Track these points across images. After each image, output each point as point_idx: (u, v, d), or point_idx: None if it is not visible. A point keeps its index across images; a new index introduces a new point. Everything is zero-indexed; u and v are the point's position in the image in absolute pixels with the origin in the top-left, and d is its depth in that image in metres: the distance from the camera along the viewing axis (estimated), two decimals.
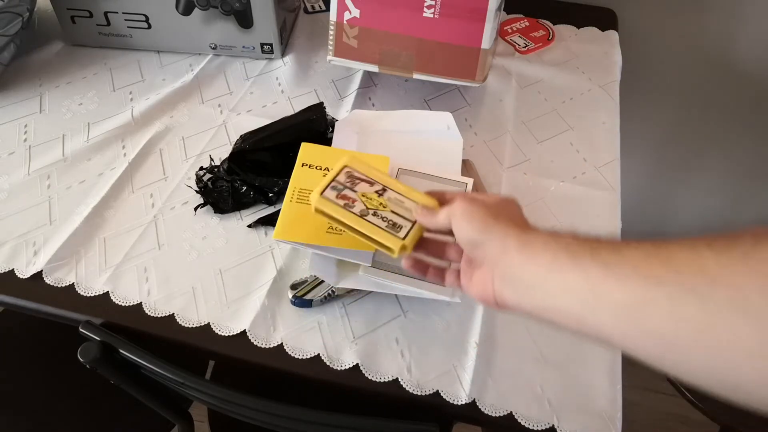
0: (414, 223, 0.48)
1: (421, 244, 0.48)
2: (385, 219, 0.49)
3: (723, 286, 0.28)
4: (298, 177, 0.63)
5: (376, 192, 0.51)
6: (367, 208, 0.50)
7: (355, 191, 0.50)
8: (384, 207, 0.50)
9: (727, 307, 0.27)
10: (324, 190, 0.50)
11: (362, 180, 0.51)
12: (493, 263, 0.40)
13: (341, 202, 0.50)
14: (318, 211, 0.51)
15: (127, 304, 0.60)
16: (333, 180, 0.51)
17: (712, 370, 0.29)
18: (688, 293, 0.29)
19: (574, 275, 0.34)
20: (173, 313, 0.60)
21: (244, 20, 0.83)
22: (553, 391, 0.54)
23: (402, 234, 0.48)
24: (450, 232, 0.44)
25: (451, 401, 0.54)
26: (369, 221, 0.49)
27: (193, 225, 0.67)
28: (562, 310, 0.35)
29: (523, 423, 0.52)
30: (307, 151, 0.65)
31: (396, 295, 0.60)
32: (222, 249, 0.65)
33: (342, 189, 0.51)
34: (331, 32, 0.74)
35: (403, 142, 0.71)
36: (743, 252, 0.28)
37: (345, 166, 0.52)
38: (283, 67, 0.88)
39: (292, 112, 0.78)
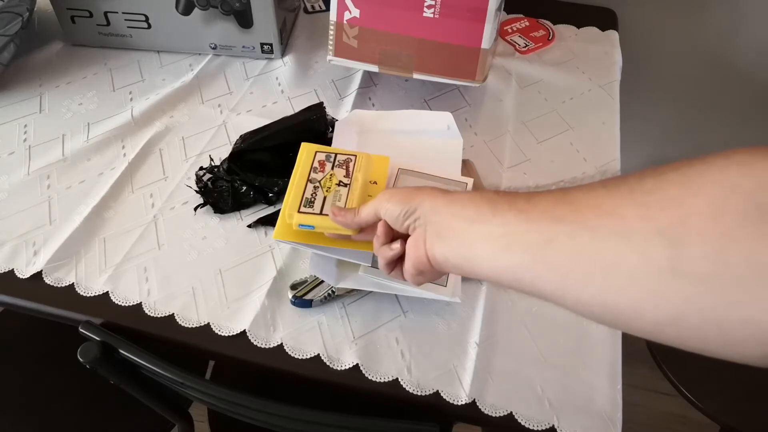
0: (326, 215, 0.52)
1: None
2: (313, 195, 0.54)
3: (610, 216, 0.31)
4: None
5: (341, 182, 0.55)
6: (319, 182, 0.55)
7: (334, 168, 0.56)
8: (328, 191, 0.54)
9: (612, 235, 0.30)
10: (319, 149, 0.58)
11: (351, 167, 0.56)
12: (426, 222, 0.42)
13: (316, 165, 0.57)
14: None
15: (127, 304, 0.60)
16: (341, 152, 0.57)
17: (601, 298, 0.31)
18: (583, 227, 0.32)
19: (494, 222, 0.37)
20: (173, 313, 0.59)
21: (244, 20, 0.83)
22: (553, 391, 0.54)
23: (306, 209, 0.53)
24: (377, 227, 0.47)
25: (451, 401, 0.54)
26: (305, 187, 0.54)
27: (193, 225, 0.67)
28: (483, 257, 0.37)
29: (523, 423, 0.52)
30: (307, 151, 0.65)
31: (396, 295, 0.60)
32: (222, 249, 0.65)
33: (333, 159, 0.57)
34: (331, 32, 0.74)
35: (403, 142, 0.71)
36: (629, 186, 0.31)
37: (359, 155, 0.57)
38: (283, 67, 0.88)
39: (292, 112, 0.78)
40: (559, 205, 0.34)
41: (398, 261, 0.48)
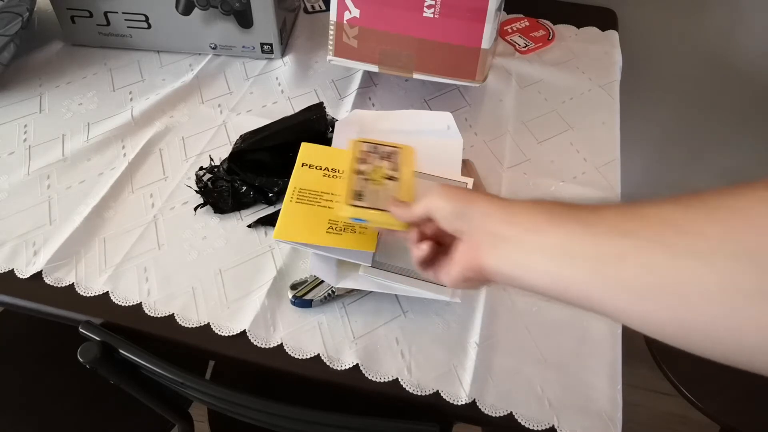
0: (378, 209, 0.51)
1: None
2: (363, 188, 0.54)
3: (685, 233, 0.30)
4: (298, 177, 0.63)
5: (389, 176, 0.55)
6: (367, 174, 0.55)
7: (381, 160, 0.56)
8: (377, 183, 0.54)
9: (689, 253, 0.29)
10: (363, 140, 0.58)
11: (396, 160, 0.57)
12: (477, 228, 0.40)
13: (362, 156, 0.57)
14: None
15: (127, 304, 0.60)
16: (384, 144, 0.58)
17: (675, 316, 0.30)
18: (655, 243, 0.31)
19: (552, 233, 0.35)
20: (173, 313, 0.59)
21: (244, 20, 0.83)
22: (553, 391, 0.54)
23: (358, 202, 0.52)
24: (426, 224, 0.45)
25: (451, 401, 0.54)
26: (355, 180, 0.54)
27: (193, 225, 0.67)
28: (540, 269, 0.36)
29: (523, 423, 0.52)
30: (307, 151, 0.65)
31: (396, 295, 0.60)
32: (222, 249, 0.65)
33: (378, 150, 0.58)
34: (331, 32, 0.74)
35: (403, 142, 0.71)
36: (704, 203, 0.30)
37: (411, 150, 0.58)
38: (283, 67, 0.88)
39: (292, 112, 0.78)
40: (627, 219, 0.33)
41: (433, 261, 0.47)
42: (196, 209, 0.68)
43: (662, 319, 0.30)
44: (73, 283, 0.62)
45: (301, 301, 0.59)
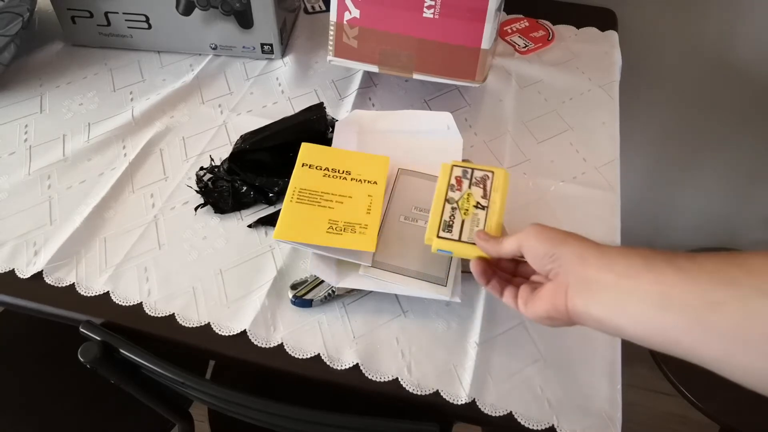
0: (465, 241, 0.52)
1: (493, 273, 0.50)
2: (452, 217, 0.54)
3: None
4: (298, 177, 0.63)
5: (479, 204, 0.55)
6: (457, 202, 0.55)
7: (471, 186, 0.55)
8: (466, 213, 0.54)
9: None
10: (457, 164, 0.57)
11: (488, 186, 0.56)
12: (569, 271, 0.40)
13: (453, 182, 0.56)
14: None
15: (127, 304, 0.60)
16: (478, 168, 0.57)
17: None
18: (761, 294, 0.30)
19: (648, 279, 0.35)
20: (173, 313, 0.60)
21: (244, 20, 0.84)
22: (553, 391, 0.54)
23: (445, 234, 0.53)
24: (515, 260, 0.46)
25: (451, 401, 0.54)
26: (443, 209, 0.54)
27: (194, 225, 0.67)
28: (635, 315, 0.35)
29: (522, 423, 0.52)
30: (307, 151, 0.65)
31: (396, 295, 0.60)
32: (222, 249, 0.65)
33: (470, 175, 0.56)
34: (331, 32, 0.74)
35: (403, 142, 0.71)
36: None
37: (504, 174, 0.57)
38: (283, 67, 0.88)
39: (292, 113, 0.78)
40: (728, 267, 0.32)
41: (512, 286, 0.48)
42: (196, 209, 0.69)
43: (761, 368, 0.30)
44: (73, 283, 0.62)
45: (301, 301, 0.59)
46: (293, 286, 0.60)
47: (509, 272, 0.51)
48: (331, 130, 0.73)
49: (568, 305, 0.40)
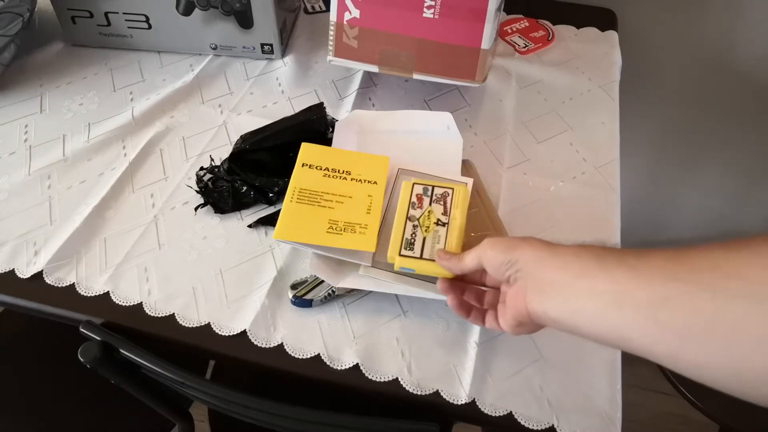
0: (426, 258, 0.53)
1: (462, 289, 0.51)
2: (413, 235, 0.54)
3: (734, 278, 0.30)
4: (298, 177, 0.63)
5: (439, 221, 0.55)
6: (418, 219, 0.55)
7: (432, 204, 0.56)
8: (427, 231, 0.55)
9: (737, 298, 0.29)
10: (417, 181, 0.57)
11: (448, 202, 0.56)
12: (527, 274, 0.41)
13: (414, 200, 0.56)
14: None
15: (127, 304, 0.60)
16: (438, 181, 0.57)
17: (723, 361, 0.30)
18: (702, 288, 0.31)
19: (602, 278, 0.36)
20: (173, 313, 0.60)
21: (245, 20, 0.84)
22: (553, 391, 0.54)
23: (407, 252, 0.53)
24: (479, 275, 0.47)
25: (451, 401, 0.54)
26: (405, 227, 0.55)
27: (194, 225, 0.67)
28: (589, 313, 0.36)
29: (522, 423, 0.52)
30: (307, 151, 0.65)
31: (396, 295, 0.60)
32: (222, 249, 0.65)
33: (430, 192, 0.56)
34: (331, 32, 0.74)
35: (403, 142, 0.71)
36: (754, 250, 0.30)
37: (467, 185, 0.57)
38: (284, 67, 0.88)
39: (292, 113, 0.78)
40: (673, 264, 0.33)
41: (477, 307, 0.49)
42: (196, 209, 0.69)
43: (711, 364, 0.30)
44: (73, 282, 0.62)
45: (301, 301, 0.59)
46: (293, 286, 0.60)
47: (478, 284, 0.51)
48: (331, 130, 0.73)
49: (528, 308, 0.41)
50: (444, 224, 0.55)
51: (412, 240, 0.54)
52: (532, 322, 0.42)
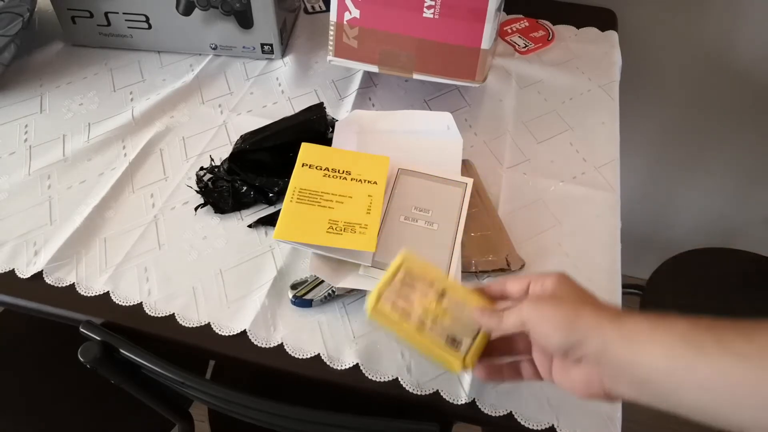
0: (477, 334, 0.47)
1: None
2: (443, 331, 0.47)
3: None
4: (298, 177, 0.63)
5: (435, 298, 0.48)
6: (424, 321, 0.47)
7: (411, 300, 0.48)
8: (443, 316, 0.47)
9: None
10: (379, 300, 0.48)
11: (420, 280, 0.49)
12: (596, 362, 0.37)
13: (397, 314, 0.47)
14: (373, 318, 0.48)
15: (127, 304, 0.60)
16: (390, 283, 0.49)
17: None
18: None
19: (705, 369, 0.32)
20: (173, 313, 0.60)
21: (245, 21, 0.84)
22: (553, 390, 0.54)
23: (463, 350, 0.46)
24: (520, 333, 0.42)
25: (451, 401, 0.54)
26: (427, 336, 0.46)
27: (194, 225, 0.67)
28: (695, 407, 0.33)
29: (522, 423, 0.52)
30: (307, 151, 0.65)
31: None
32: (222, 249, 0.65)
33: (397, 297, 0.48)
34: (331, 32, 0.74)
35: (403, 142, 0.71)
36: None
37: (402, 264, 0.50)
38: (284, 67, 0.88)
39: (292, 113, 0.78)
40: None
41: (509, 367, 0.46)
42: (196, 209, 0.69)
43: None
44: (73, 283, 0.62)
45: (301, 301, 0.59)
46: (293, 286, 0.60)
47: (506, 350, 0.47)
48: (331, 130, 0.73)
49: (612, 393, 0.38)
50: (442, 293, 0.48)
51: (450, 338, 0.46)
52: (611, 399, 0.38)
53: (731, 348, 0.31)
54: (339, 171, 0.64)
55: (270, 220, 0.67)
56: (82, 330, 0.58)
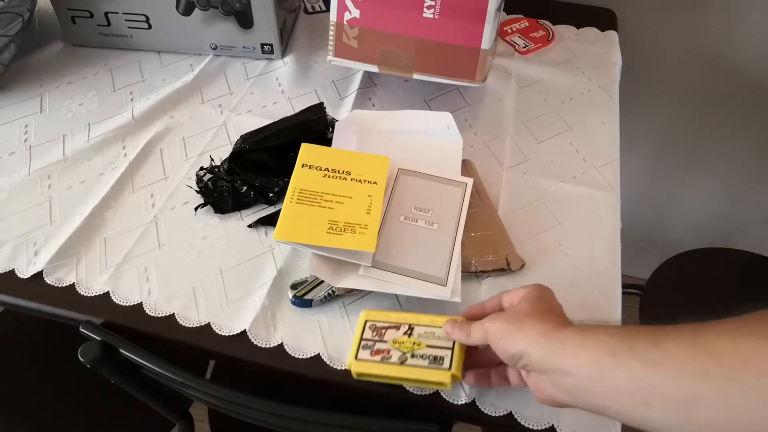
0: (453, 348, 0.50)
1: (469, 353, 0.50)
2: (424, 357, 0.50)
3: (765, 374, 0.29)
4: (298, 177, 0.63)
5: (405, 333, 0.52)
6: (404, 353, 0.50)
7: (385, 341, 0.52)
8: (419, 345, 0.51)
9: None
10: (357, 353, 0.51)
11: (387, 327, 0.53)
12: (539, 371, 0.41)
13: (378, 358, 0.51)
14: (359, 375, 0.51)
15: (127, 304, 0.60)
16: (361, 339, 0.52)
17: None
18: (736, 386, 0.29)
19: (619, 376, 0.34)
20: (173, 313, 0.60)
21: (245, 21, 0.84)
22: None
23: (446, 365, 0.49)
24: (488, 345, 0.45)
25: (451, 401, 0.54)
26: (411, 366, 0.50)
27: (194, 225, 0.67)
28: (618, 411, 0.35)
29: (522, 423, 0.52)
30: (307, 151, 0.65)
31: (396, 294, 0.60)
32: (222, 249, 0.65)
33: (373, 344, 0.52)
34: (331, 33, 0.74)
35: (403, 142, 0.71)
36: None
37: (366, 321, 0.54)
38: (284, 67, 0.88)
39: (292, 113, 0.78)
40: (696, 355, 0.31)
41: (488, 371, 0.49)
42: (196, 209, 0.69)
43: None
44: (73, 283, 0.62)
45: (301, 301, 0.59)
46: (293, 286, 0.60)
47: (490, 360, 0.50)
48: (331, 130, 0.73)
49: (556, 400, 0.41)
50: (410, 329, 0.52)
51: (431, 358, 0.50)
52: (561, 406, 0.42)
53: (641, 355, 0.34)
54: (339, 171, 0.64)
55: (270, 220, 0.67)
56: (82, 330, 0.58)
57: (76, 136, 0.77)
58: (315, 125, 0.73)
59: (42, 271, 0.62)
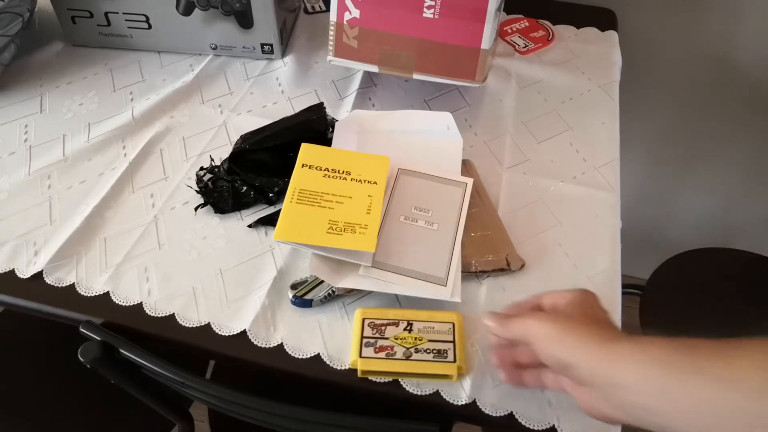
0: (454, 341, 0.52)
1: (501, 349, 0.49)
2: (428, 351, 0.51)
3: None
4: (298, 177, 0.63)
5: (405, 329, 0.53)
6: (408, 349, 0.52)
7: (386, 338, 0.53)
8: (421, 340, 0.52)
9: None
10: (361, 351, 0.52)
11: (386, 324, 0.54)
12: (590, 385, 0.39)
13: (383, 355, 0.52)
14: (365, 372, 0.53)
15: (127, 304, 0.60)
16: (362, 337, 0.53)
17: None
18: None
19: (685, 393, 0.33)
20: (173, 313, 0.60)
21: (245, 21, 0.84)
22: (554, 390, 0.54)
23: (451, 357, 0.51)
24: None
25: (451, 401, 0.54)
26: (417, 360, 0.51)
27: (194, 225, 0.67)
28: (677, 430, 0.34)
29: (523, 423, 0.52)
30: (307, 151, 0.65)
31: (396, 295, 0.60)
32: (222, 249, 0.65)
33: (375, 342, 0.53)
34: (331, 32, 0.74)
35: (403, 142, 0.71)
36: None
37: (363, 319, 0.54)
38: (284, 67, 0.88)
39: (292, 113, 0.78)
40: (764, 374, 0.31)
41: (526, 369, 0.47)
42: (196, 209, 0.69)
43: None
44: (73, 283, 0.62)
45: (301, 301, 0.59)
46: (293, 286, 0.60)
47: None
48: (331, 130, 0.73)
49: (605, 415, 0.40)
50: (409, 325, 0.53)
51: (435, 351, 0.51)
52: (610, 421, 0.41)
53: (703, 367, 0.32)
54: (339, 171, 0.64)
55: (270, 220, 0.67)
56: (82, 330, 0.58)
57: (76, 136, 0.77)
58: (315, 125, 0.73)
59: (42, 271, 0.62)
